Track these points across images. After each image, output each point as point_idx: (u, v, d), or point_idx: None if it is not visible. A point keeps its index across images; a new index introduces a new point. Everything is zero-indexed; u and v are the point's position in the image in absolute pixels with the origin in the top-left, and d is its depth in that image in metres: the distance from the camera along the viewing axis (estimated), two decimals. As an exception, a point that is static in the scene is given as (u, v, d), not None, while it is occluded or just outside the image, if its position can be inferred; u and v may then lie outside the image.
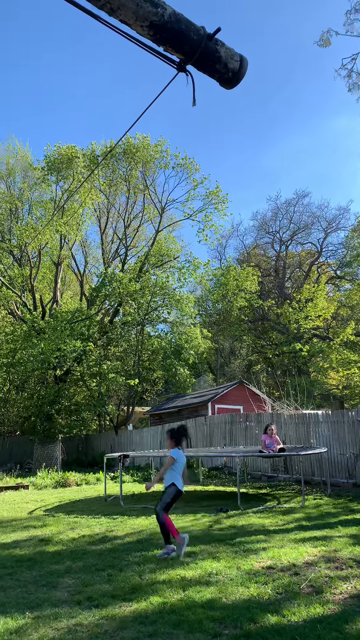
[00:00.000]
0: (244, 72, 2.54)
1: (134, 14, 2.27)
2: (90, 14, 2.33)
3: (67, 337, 21.56)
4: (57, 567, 5.61)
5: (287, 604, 4.11)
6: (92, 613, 4.11)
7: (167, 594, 4.48)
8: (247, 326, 33.98)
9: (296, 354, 28.47)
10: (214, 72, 2.53)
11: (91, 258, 34.54)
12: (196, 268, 27.10)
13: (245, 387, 21.45)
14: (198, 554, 5.85)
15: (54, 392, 23.83)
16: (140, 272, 26.18)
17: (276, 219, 35.94)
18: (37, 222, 26.06)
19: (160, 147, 26.25)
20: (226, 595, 4.40)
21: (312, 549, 5.89)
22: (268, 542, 6.33)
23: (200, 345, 25.37)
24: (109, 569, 5.41)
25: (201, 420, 17.83)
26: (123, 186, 27.85)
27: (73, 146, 24.98)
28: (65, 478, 15.40)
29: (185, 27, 2.38)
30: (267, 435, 10.98)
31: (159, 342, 25.74)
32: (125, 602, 4.35)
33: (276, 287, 35.44)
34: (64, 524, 8.27)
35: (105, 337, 26.12)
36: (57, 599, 4.53)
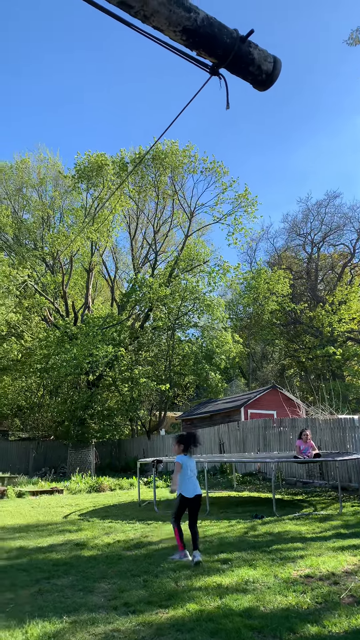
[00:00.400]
0: (278, 74, 2.51)
1: (167, 20, 2.27)
2: (122, 21, 2.35)
3: (98, 342, 21.79)
4: (93, 572, 5.64)
5: (327, 614, 4.01)
6: (128, 619, 4.11)
7: (203, 601, 4.43)
8: (279, 330, 33.59)
9: (330, 358, 27.95)
10: (247, 74, 2.51)
11: (121, 264, 34.90)
12: (226, 272, 27.00)
13: (278, 391, 21.18)
14: (234, 561, 5.78)
15: (86, 397, 24.10)
16: (170, 277, 26.26)
17: (307, 221, 35.49)
18: (69, 230, 26.50)
19: (189, 152, 26.32)
20: (264, 604, 4.32)
21: (352, 558, 5.74)
22: (305, 550, 6.20)
23: (231, 350, 25.20)
24: (144, 575, 5.40)
25: (234, 426, 17.69)
26: (152, 192, 28.03)
27: (102, 154, 25.32)
28: (99, 483, 15.52)
29: (218, 30, 2.38)
30: (301, 440, 10.80)
31: (190, 346, 25.72)
32: (162, 609, 4.33)
33: (308, 290, 34.94)
34: (99, 528, 8.32)
35: (136, 342, 26.29)
36: (94, 604, 4.54)
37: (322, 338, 29.19)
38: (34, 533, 8.10)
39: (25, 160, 29.55)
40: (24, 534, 8.02)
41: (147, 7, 2.20)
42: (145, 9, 2.21)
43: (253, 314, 31.71)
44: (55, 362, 22.06)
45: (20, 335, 27.45)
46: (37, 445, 26.04)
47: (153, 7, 2.21)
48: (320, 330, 29.32)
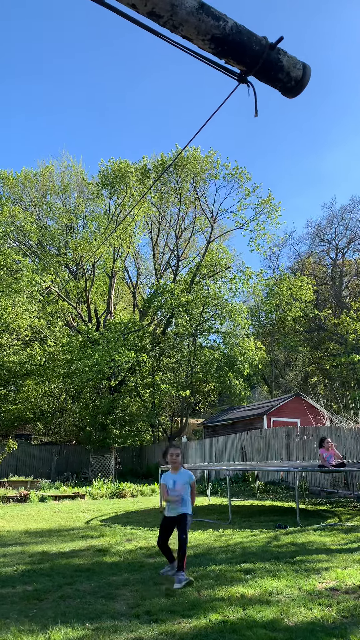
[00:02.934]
0: (307, 80, 2.49)
1: (196, 29, 2.28)
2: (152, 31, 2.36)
3: (120, 347, 21.89)
4: (114, 579, 5.63)
5: (353, 629, 3.91)
6: (151, 627, 4.08)
7: (226, 612, 4.38)
8: (302, 337, 33.21)
9: (355, 365, 27.48)
10: (276, 81, 2.50)
11: (143, 269, 35.07)
12: (248, 278, 26.84)
13: (302, 399, 20.92)
14: (257, 571, 5.70)
15: (108, 402, 24.21)
16: (191, 283, 26.26)
17: (331, 226, 35.11)
18: (92, 236, 26.76)
19: (211, 158, 26.34)
20: (288, 617, 4.24)
21: (379, 572, 5.60)
22: (330, 562, 6.08)
23: (254, 357, 25.01)
24: (167, 583, 5.37)
25: (257, 434, 17.53)
26: (174, 198, 28.12)
27: (125, 161, 25.54)
28: (120, 489, 15.55)
29: (247, 38, 2.37)
30: (324, 448, 10.63)
31: (212, 353, 25.62)
32: (184, 619, 4.28)
33: (333, 296, 34.49)
34: (121, 535, 8.32)
35: (158, 347, 26.32)
36: (116, 611, 4.53)
37: (347, 345, 28.75)
38: (56, 538, 8.15)
39: (50, 168, 30.02)
40: (47, 539, 8.07)
41: (175, 17, 2.21)
42: (174, 19, 2.21)
43: (276, 320, 31.43)
44: (77, 367, 22.23)
45: (44, 340, 27.78)
46: (59, 449, 26.25)
47: (182, 16, 2.21)
48: (345, 337, 28.88)
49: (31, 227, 27.25)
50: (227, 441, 19.07)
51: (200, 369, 25.41)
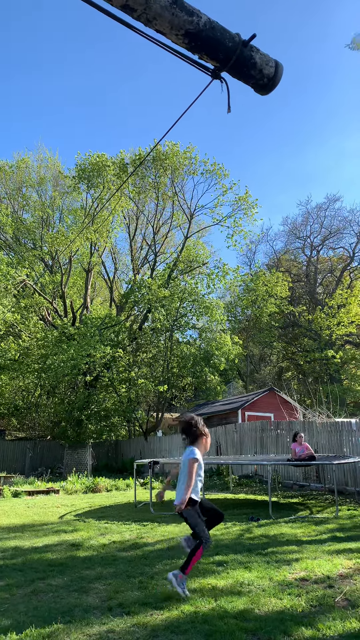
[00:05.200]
0: (279, 78, 2.52)
1: (170, 24, 2.28)
2: (125, 24, 2.36)
3: (96, 343, 21.78)
4: (88, 573, 5.63)
5: (321, 618, 4.01)
6: (123, 620, 4.11)
7: (198, 603, 4.43)
8: (277, 332, 33.61)
9: (328, 361, 27.97)
10: (249, 78, 2.52)
11: (120, 264, 34.91)
12: (225, 274, 27.00)
13: (276, 394, 21.20)
14: (229, 563, 5.79)
15: (83, 397, 24.07)
16: (169, 278, 26.27)
17: (307, 224, 35.54)
18: (68, 230, 26.50)
19: (189, 154, 26.34)
20: (259, 606, 4.32)
21: (347, 561, 5.74)
22: (301, 553, 6.20)
23: (230, 352, 25.20)
24: (140, 576, 5.40)
25: (231, 428, 17.70)
26: (152, 193, 28.05)
27: (103, 155, 25.33)
28: (95, 483, 15.51)
29: (220, 34, 2.39)
30: (296, 443, 10.82)
31: (188, 348, 25.70)
32: (157, 610, 4.33)
33: (307, 293, 34.97)
34: (95, 529, 8.31)
35: (135, 343, 26.28)
36: (89, 605, 4.54)
37: (321, 341, 29.21)
38: (29, 533, 8.09)
39: (25, 160, 29.55)
40: (20, 534, 8.01)
41: (149, 11, 2.21)
42: (147, 12, 2.22)
43: (252, 316, 31.72)
44: (52, 362, 22.04)
45: (18, 335, 27.43)
46: (34, 445, 26.00)
47: (155, 10, 2.21)
48: (319, 333, 29.34)
49: (6, 219, 26.81)
50: (202, 436, 19.19)
51: (177, 364, 25.48)
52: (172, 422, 30.29)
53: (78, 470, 19.55)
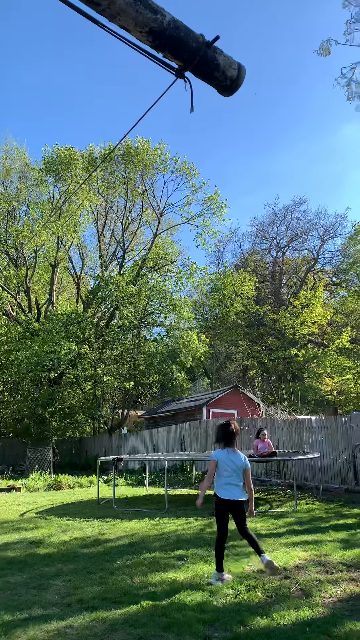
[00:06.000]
0: (242, 80, 2.57)
1: (134, 20, 2.30)
2: (91, 19, 2.36)
3: (62, 339, 21.50)
4: (48, 570, 5.60)
5: (276, 607, 4.12)
6: (82, 615, 4.11)
7: (158, 597, 4.48)
8: (243, 331, 34.00)
9: (291, 360, 28.50)
10: (212, 79, 2.56)
11: (88, 260, 34.52)
12: (193, 273, 27.11)
13: (240, 391, 21.47)
14: (189, 557, 5.86)
15: (48, 394, 23.74)
16: (137, 276, 26.18)
17: (274, 225, 36.06)
18: (34, 223, 26.02)
19: (160, 151, 26.29)
20: (217, 599, 4.41)
21: (303, 553, 5.91)
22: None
23: (197, 349, 25.34)
24: (100, 572, 5.41)
25: (196, 424, 17.83)
26: (122, 189, 27.85)
27: (71, 148, 24.99)
28: (58, 481, 15.35)
29: (185, 34, 2.42)
30: (259, 439, 11.01)
31: (156, 345, 25.70)
32: (116, 605, 4.35)
33: (272, 293, 35.52)
34: (56, 526, 8.25)
35: (101, 340, 26.08)
36: (48, 602, 4.52)
37: (284, 340, 29.74)
38: (-12, 531, 7.96)
39: (-9, 150, 28.83)
40: (-22, 532, 7.87)
41: (113, 6, 2.22)
42: (111, 8, 2.23)
43: (219, 315, 31.98)
44: (15, 359, 21.63)
45: (-20, 330, 26.77)
46: (-5, 442, 25.50)
47: (119, 6, 2.23)
48: (283, 332, 29.87)
49: (-31, 211, 26.13)
50: (167, 432, 19.27)
51: (144, 361, 25.44)
52: (137, 418, 30.26)
53: (41, 468, 19.29)
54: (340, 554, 5.83)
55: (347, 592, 4.50)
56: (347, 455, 11.80)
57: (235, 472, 5.05)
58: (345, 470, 11.81)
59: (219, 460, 5.08)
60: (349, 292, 31.51)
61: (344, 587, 4.64)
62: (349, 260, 31.68)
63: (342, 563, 5.44)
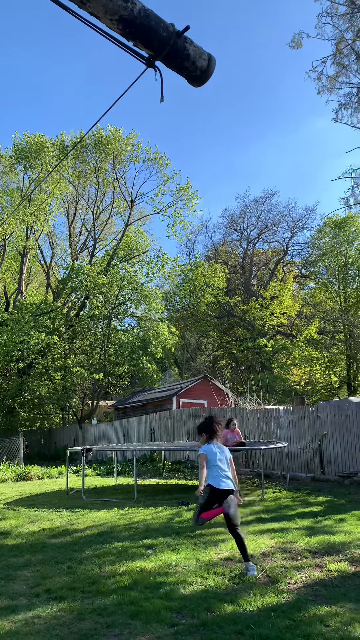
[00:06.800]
0: (212, 71, 2.57)
1: (104, 7, 2.26)
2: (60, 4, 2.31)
3: (31, 329, 21.20)
4: (15, 561, 5.57)
5: (243, 594, 4.22)
6: (50, 605, 4.12)
7: (126, 586, 4.52)
8: (213, 322, 34.23)
9: (260, 350, 28.89)
10: (182, 69, 2.55)
11: (58, 250, 34.06)
12: (164, 263, 27.09)
13: (209, 382, 21.65)
14: (158, 546, 5.92)
15: (16, 385, 23.41)
16: (108, 266, 25.98)
17: (244, 217, 36.30)
18: (3, 211, 25.47)
19: (132, 141, 26.07)
20: (184, 586, 4.47)
21: (269, 541, 6.05)
22: (227, 534, 6.40)
23: (167, 340, 25.39)
24: (68, 562, 5.41)
25: (165, 414, 17.91)
26: (92, 178, 27.51)
27: (42, 135, 24.52)
28: (26, 471, 15.20)
29: (155, 23, 2.40)
30: (229, 429, 11.14)
31: (126, 336, 25.62)
32: (85, 594, 4.37)
33: (243, 284, 35.83)
34: (24, 517, 8.19)
35: (71, 330, 25.83)
36: (15, 592, 4.51)
37: (254, 331, 30.11)
38: None
39: None
40: None
41: (84, -8, 2.18)
42: (82, -6, 2.19)
43: (189, 305, 32.10)
44: (-17, 349, 21.19)
45: None
46: None
47: (90, -8, 2.19)
48: (252, 323, 30.21)
49: None
50: (136, 422, 19.30)
51: (114, 351, 25.34)
52: (107, 409, 30.17)
53: (9, 459, 19.05)
54: (306, 540, 5.99)
55: (312, 578, 4.64)
56: (313, 444, 12.08)
57: (225, 463, 5.26)
58: (312, 459, 12.10)
59: (209, 453, 5.21)
60: (318, 284, 32.06)
61: (308, 573, 4.77)
62: (317, 253, 32.18)
63: (307, 550, 5.59)
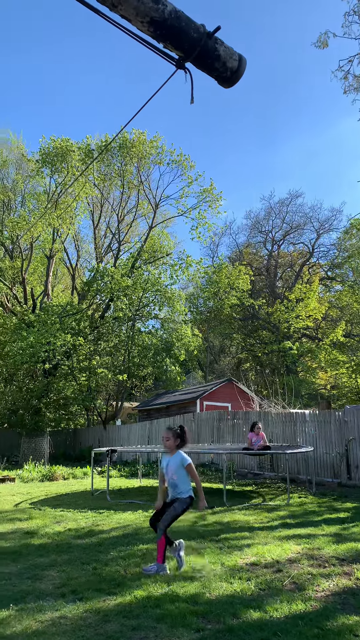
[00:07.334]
0: (243, 72, 2.55)
1: (135, 10, 2.27)
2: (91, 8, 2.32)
3: (57, 330, 21.47)
4: (42, 560, 5.61)
5: (269, 600, 4.15)
6: (76, 606, 4.13)
7: (151, 589, 4.50)
8: (237, 324, 34.05)
9: (285, 353, 28.60)
10: (212, 70, 2.54)
11: (83, 252, 34.41)
12: (188, 266, 27.09)
13: (234, 384, 21.53)
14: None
15: (42, 385, 23.72)
16: (132, 268, 26.12)
17: (269, 218, 36.06)
18: (30, 215, 25.89)
19: (156, 143, 26.16)
20: (210, 591, 4.43)
21: (296, 547, 5.95)
22: (252, 539, 6.38)
23: (191, 343, 25.38)
24: (94, 563, 5.43)
25: (189, 417, 17.88)
26: (117, 181, 27.72)
27: (67, 139, 24.82)
28: (52, 472, 15.37)
29: (186, 24, 2.39)
30: (253, 433, 11.05)
31: (150, 338, 25.71)
32: (110, 596, 4.37)
33: (267, 286, 35.56)
34: (50, 517, 8.26)
35: (96, 331, 26.06)
36: (42, 592, 4.54)
37: (279, 334, 29.82)
38: (-18, 521, 7.96)
39: (-13, 141, 28.61)
40: (-28, 523, 7.87)
41: (115, -5, 2.19)
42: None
43: (213, 308, 32.01)
44: (11, 350, 21.57)
45: (-25, 321, 26.70)
46: (-11, 433, 25.47)
47: (121, -5, 2.19)
48: (277, 326, 29.93)
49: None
50: (160, 424, 19.32)
51: (138, 353, 25.45)
52: (131, 410, 30.31)
53: (35, 459, 19.31)
54: (333, 547, 5.88)
55: (340, 586, 4.55)
56: (340, 449, 11.88)
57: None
58: (338, 464, 11.89)
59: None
60: (344, 286, 31.57)
61: (336, 581, 4.68)
62: (344, 255, 31.74)
63: (335, 557, 5.48)
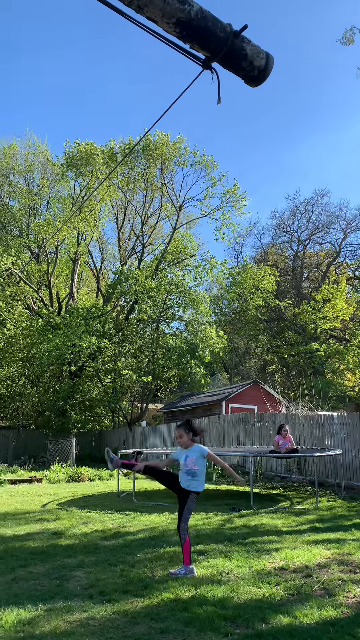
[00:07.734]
0: (270, 70, 2.51)
1: (161, 11, 2.26)
2: (117, 10, 2.33)
3: (82, 332, 21.69)
4: (69, 561, 5.65)
5: (299, 606, 4.08)
6: (104, 607, 4.14)
7: (178, 591, 4.48)
8: (263, 326, 33.78)
9: (312, 355, 28.23)
10: (239, 69, 2.51)
11: (108, 254, 34.70)
12: (212, 267, 27.01)
13: (259, 386, 21.35)
14: (210, 553, 5.85)
15: (68, 387, 23.98)
16: (156, 270, 26.20)
17: (294, 218, 35.67)
18: (55, 218, 26.25)
19: (179, 145, 26.19)
20: (238, 595, 4.39)
21: (325, 552, 5.85)
22: (280, 543, 6.30)
23: (215, 345, 25.30)
24: (121, 564, 5.44)
25: (215, 419, 17.81)
26: (141, 183, 27.86)
27: (92, 143, 25.08)
28: (78, 473, 15.51)
29: (212, 24, 2.37)
30: (280, 435, 10.93)
31: (174, 340, 25.73)
32: (137, 598, 4.36)
33: (293, 287, 35.19)
34: (77, 518, 8.33)
35: (121, 333, 26.23)
36: (70, 592, 4.56)
37: (305, 335, 29.45)
38: (11, 521, 8.08)
39: (13, 146, 29.15)
40: (1, 522, 7.99)
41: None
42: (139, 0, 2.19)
43: (238, 309, 31.83)
44: (37, 352, 21.89)
45: (3, 324, 27.18)
46: (17, 434, 25.87)
47: (147, -3, 2.19)
48: (304, 327, 29.57)
49: (-8, 206, 26.48)
50: (186, 427, 19.30)
51: (162, 355, 25.50)
52: (156, 412, 30.37)
53: (61, 460, 19.53)
54: (363, 552, 5.75)
55: (371, 592, 4.44)
56: (369, 452, 11.63)
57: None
58: (367, 467, 11.65)
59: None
60: (372, 287, 31.01)
61: (367, 587, 4.57)
62: (372, 254, 31.16)
63: (365, 562, 5.36)
